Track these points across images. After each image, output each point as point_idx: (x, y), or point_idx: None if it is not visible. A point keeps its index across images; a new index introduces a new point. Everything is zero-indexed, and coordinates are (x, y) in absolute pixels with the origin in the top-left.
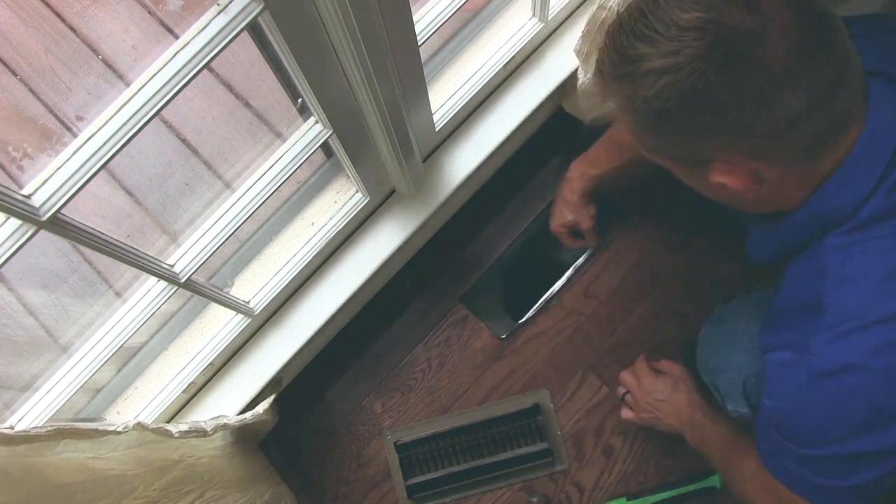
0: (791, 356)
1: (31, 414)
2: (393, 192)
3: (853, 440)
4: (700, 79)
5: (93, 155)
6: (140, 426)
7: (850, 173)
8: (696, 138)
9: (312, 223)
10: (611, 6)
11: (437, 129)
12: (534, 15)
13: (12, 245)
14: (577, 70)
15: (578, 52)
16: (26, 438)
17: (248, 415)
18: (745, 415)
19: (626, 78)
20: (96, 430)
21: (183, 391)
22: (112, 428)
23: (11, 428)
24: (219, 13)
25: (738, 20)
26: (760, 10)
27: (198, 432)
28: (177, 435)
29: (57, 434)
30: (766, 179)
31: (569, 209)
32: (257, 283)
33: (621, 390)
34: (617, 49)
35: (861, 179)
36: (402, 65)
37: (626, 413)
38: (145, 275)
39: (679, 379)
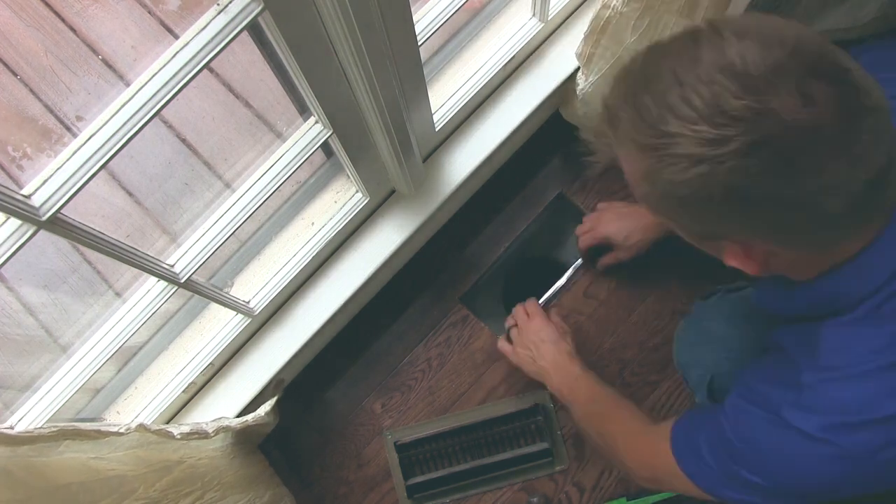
0: (761, 408)
1: (31, 414)
2: (393, 192)
3: (783, 490)
4: (741, 177)
5: (93, 155)
6: (142, 427)
7: (862, 267)
8: (717, 223)
9: (312, 223)
10: (615, 5)
11: (437, 129)
12: (534, 15)
13: (12, 245)
14: (577, 72)
15: (580, 56)
16: (29, 439)
17: (249, 416)
18: None
19: (649, 150)
20: (98, 431)
21: (183, 391)
22: (114, 429)
23: (11, 428)
24: (219, 13)
25: (791, 114)
26: (815, 102)
27: (199, 434)
28: (178, 436)
29: (59, 434)
30: (778, 259)
31: (635, 229)
32: (257, 283)
33: (510, 321)
34: (641, 113)
35: (870, 276)
36: (402, 65)
37: (503, 345)
38: (145, 275)
39: (567, 333)
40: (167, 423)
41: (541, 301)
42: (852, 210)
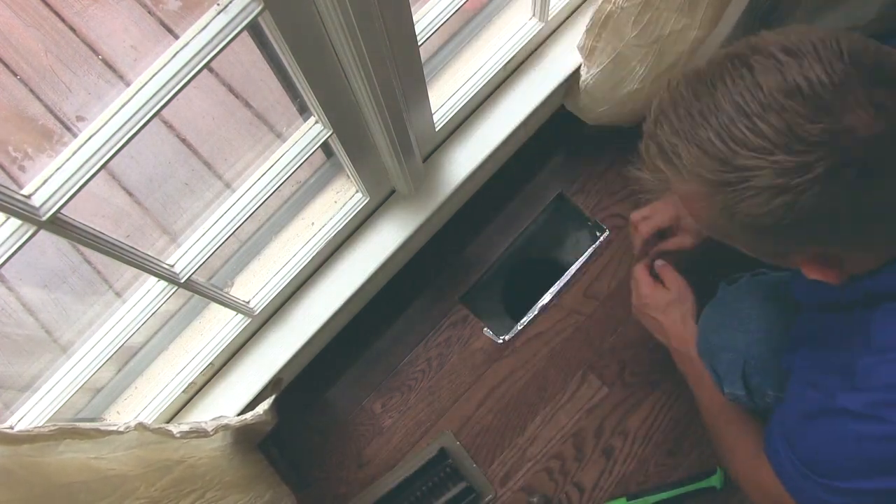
0: (818, 396)
1: (31, 414)
2: (393, 192)
3: (865, 481)
4: (828, 199)
5: (93, 155)
6: (141, 426)
7: None
8: (797, 242)
9: (312, 223)
10: (616, 0)
11: (437, 129)
12: (534, 15)
13: (12, 245)
14: (579, 68)
15: (582, 49)
16: (29, 438)
17: (248, 415)
18: (741, 398)
19: (722, 186)
20: (98, 430)
21: (183, 391)
22: (114, 428)
23: (11, 428)
24: (219, 13)
25: (867, 128)
26: (886, 109)
27: (199, 433)
28: (178, 435)
29: (59, 434)
30: (851, 261)
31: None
32: (257, 283)
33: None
34: (706, 149)
35: None
36: (402, 65)
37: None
38: (145, 275)
39: (681, 300)
40: (167, 423)
41: (540, 301)
42: None
